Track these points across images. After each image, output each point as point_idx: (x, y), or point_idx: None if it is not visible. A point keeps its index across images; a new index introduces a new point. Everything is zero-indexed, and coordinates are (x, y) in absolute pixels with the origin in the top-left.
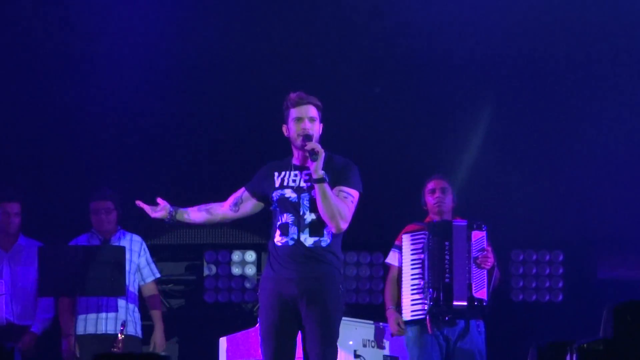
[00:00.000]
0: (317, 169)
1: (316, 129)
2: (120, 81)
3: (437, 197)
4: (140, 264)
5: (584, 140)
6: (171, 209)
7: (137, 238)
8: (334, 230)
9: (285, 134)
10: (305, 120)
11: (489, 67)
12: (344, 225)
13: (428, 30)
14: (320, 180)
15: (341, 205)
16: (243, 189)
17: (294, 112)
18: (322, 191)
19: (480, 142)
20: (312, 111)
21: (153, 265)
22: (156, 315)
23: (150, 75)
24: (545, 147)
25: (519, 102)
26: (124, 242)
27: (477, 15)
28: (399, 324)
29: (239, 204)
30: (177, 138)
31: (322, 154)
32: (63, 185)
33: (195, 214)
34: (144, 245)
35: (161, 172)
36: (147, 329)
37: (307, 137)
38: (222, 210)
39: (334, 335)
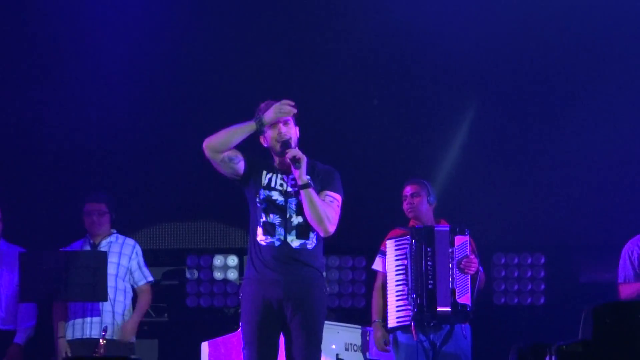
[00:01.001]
0: (301, 175)
1: (292, 132)
2: (108, 84)
3: (408, 202)
4: (131, 268)
5: (567, 143)
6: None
7: (129, 241)
8: (322, 234)
9: (264, 144)
10: (279, 124)
11: (471, 70)
12: (331, 229)
13: (411, 34)
14: (306, 186)
15: (328, 209)
16: (240, 155)
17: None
18: (308, 197)
19: (461, 144)
20: None
21: (145, 269)
22: (138, 306)
23: (138, 80)
24: (528, 150)
25: (500, 106)
26: (115, 246)
27: (458, 19)
28: (384, 342)
29: (231, 162)
30: (168, 142)
31: (304, 159)
32: (47, 191)
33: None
34: (137, 249)
35: (153, 176)
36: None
37: (285, 144)
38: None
39: (319, 339)
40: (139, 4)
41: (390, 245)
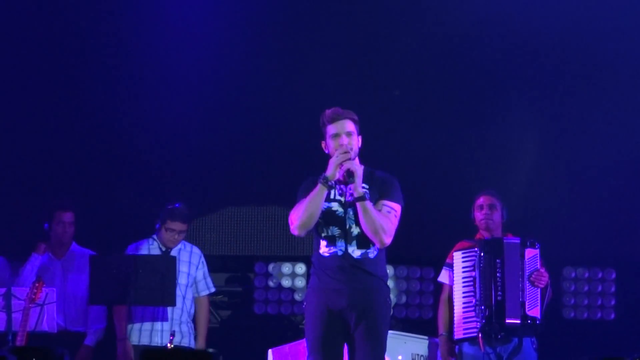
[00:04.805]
0: (356, 187)
1: (354, 142)
2: (180, 92)
3: (484, 213)
4: (197, 277)
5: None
6: None
7: (197, 250)
8: (378, 245)
9: (325, 150)
10: (342, 135)
11: (543, 80)
12: (387, 240)
13: (478, 43)
14: (361, 199)
15: (384, 220)
16: None
17: (331, 129)
18: (363, 209)
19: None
20: (348, 126)
21: (209, 279)
22: (202, 326)
23: (210, 86)
24: (600, 162)
25: (570, 117)
26: (184, 254)
27: (534, 19)
28: (449, 355)
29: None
30: (241, 150)
31: (357, 172)
32: (117, 194)
33: None
34: (203, 259)
35: (225, 182)
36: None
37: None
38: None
39: (382, 349)
40: (203, 17)
41: (457, 257)
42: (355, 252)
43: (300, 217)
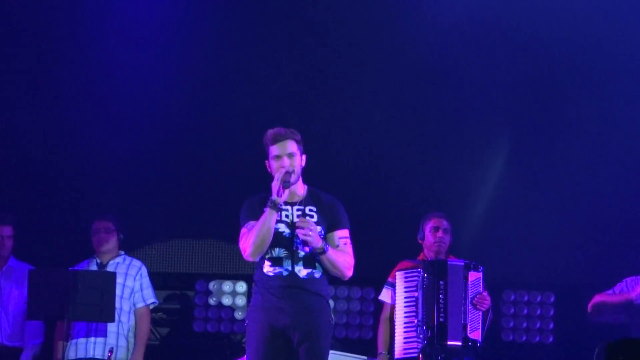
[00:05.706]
0: (313, 241)
1: (297, 163)
2: (119, 107)
3: (439, 236)
4: (134, 288)
5: (579, 181)
6: None
7: (136, 262)
8: (344, 279)
9: (268, 169)
10: (283, 157)
11: (486, 110)
12: (350, 273)
13: (432, 54)
14: (322, 252)
15: (345, 259)
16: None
17: (273, 150)
18: (327, 260)
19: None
20: (290, 146)
21: (148, 291)
22: (139, 339)
23: (149, 103)
24: (539, 187)
25: (514, 145)
26: (122, 266)
27: (489, 39)
28: None
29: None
30: (182, 167)
31: (312, 235)
32: (57, 209)
33: None
34: (143, 270)
35: (166, 199)
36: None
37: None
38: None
39: None
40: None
41: (400, 277)
42: (302, 271)
43: (253, 243)
